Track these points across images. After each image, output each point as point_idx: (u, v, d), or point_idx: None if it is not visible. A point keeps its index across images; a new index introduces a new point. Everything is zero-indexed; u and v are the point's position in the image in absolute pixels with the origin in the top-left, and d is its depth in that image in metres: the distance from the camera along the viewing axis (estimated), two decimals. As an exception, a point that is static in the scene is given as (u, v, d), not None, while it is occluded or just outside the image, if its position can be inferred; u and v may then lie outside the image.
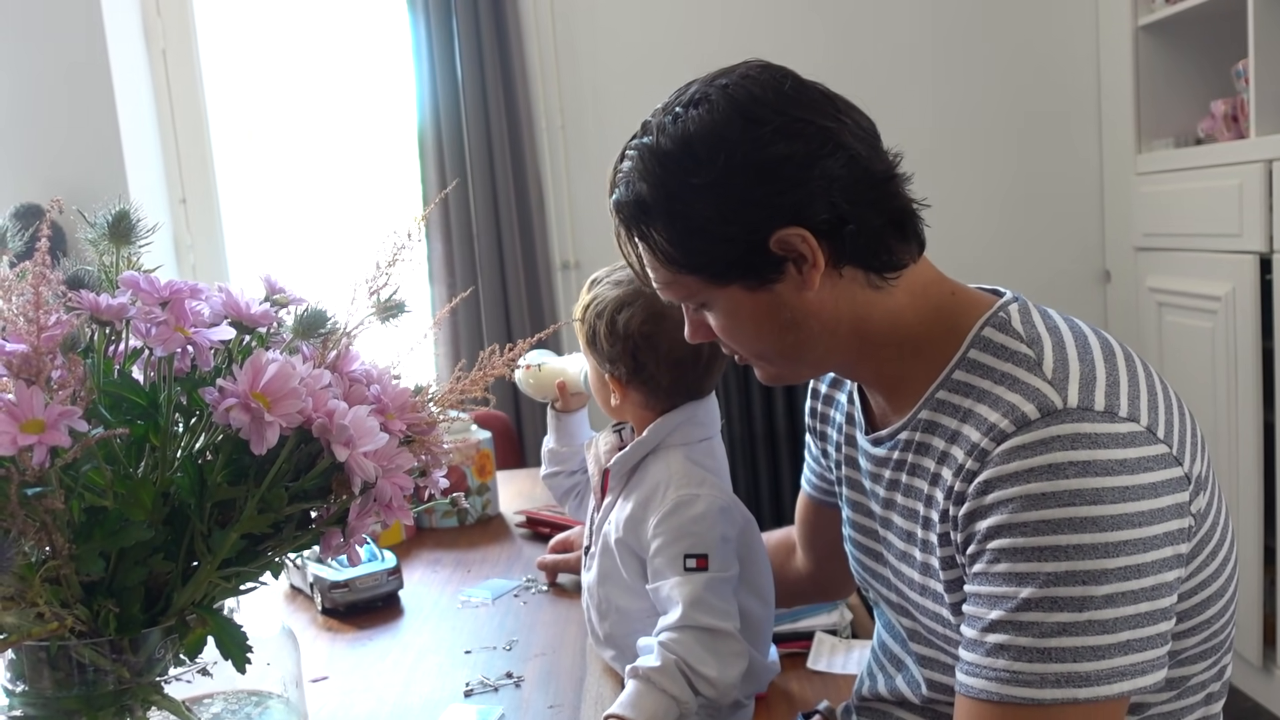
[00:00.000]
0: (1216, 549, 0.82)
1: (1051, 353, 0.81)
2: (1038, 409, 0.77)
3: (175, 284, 0.73)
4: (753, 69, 0.87)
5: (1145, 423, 0.77)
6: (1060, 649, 0.74)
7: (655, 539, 1.05)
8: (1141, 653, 0.74)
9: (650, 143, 0.86)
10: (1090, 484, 0.74)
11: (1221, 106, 2.44)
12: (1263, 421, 2.24)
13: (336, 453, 0.70)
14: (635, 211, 0.86)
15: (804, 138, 0.82)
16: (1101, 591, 0.73)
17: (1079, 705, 0.73)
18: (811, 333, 0.87)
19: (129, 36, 2.88)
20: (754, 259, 0.84)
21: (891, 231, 0.86)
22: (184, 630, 0.74)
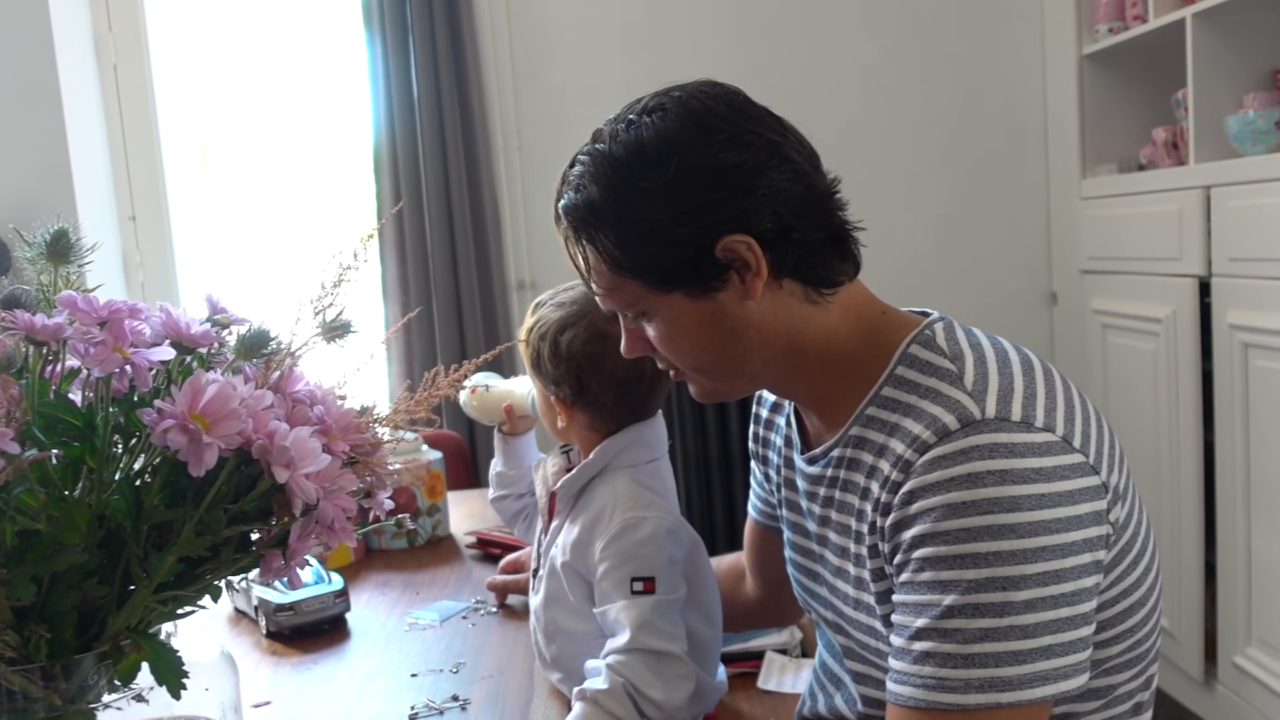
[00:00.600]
0: (1137, 559, 0.84)
1: (972, 367, 0.84)
2: (957, 420, 0.80)
3: (114, 303, 0.72)
4: (704, 84, 0.90)
5: (1061, 432, 0.80)
6: (983, 654, 0.75)
7: (602, 562, 1.05)
8: (1063, 657, 0.76)
9: (603, 148, 0.87)
10: (1008, 492, 0.76)
11: (1162, 134, 2.50)
12: (1202, 441, 2.30)
13: (277, 474, 0.70)
14: (585, 214, 0.88)
15: (753, 148, 0.85)
16: (1021, 597, 0.75)
17: (1002, 709, 0.75)
18: (750, 344, 0.88)
19: (79, 51, 2.84)
20: (699, 265, 0.85)
21: (830, 248, 0.89)
22: (118, 656, 0.72)
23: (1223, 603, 2.25)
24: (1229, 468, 2.18)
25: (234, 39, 3.14)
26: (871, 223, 2.61)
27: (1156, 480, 2.47)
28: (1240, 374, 2.12)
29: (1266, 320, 2.02)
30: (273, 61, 3.11)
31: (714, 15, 2.98)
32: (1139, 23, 2.51)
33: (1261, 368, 2.06)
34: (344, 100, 3.07)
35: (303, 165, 3.17)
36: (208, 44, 3.14)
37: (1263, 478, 2.08)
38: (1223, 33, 2.24)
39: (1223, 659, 2.26)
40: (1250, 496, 2.13)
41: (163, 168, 2.98)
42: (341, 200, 3.21)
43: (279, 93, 3.12)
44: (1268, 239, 2.01)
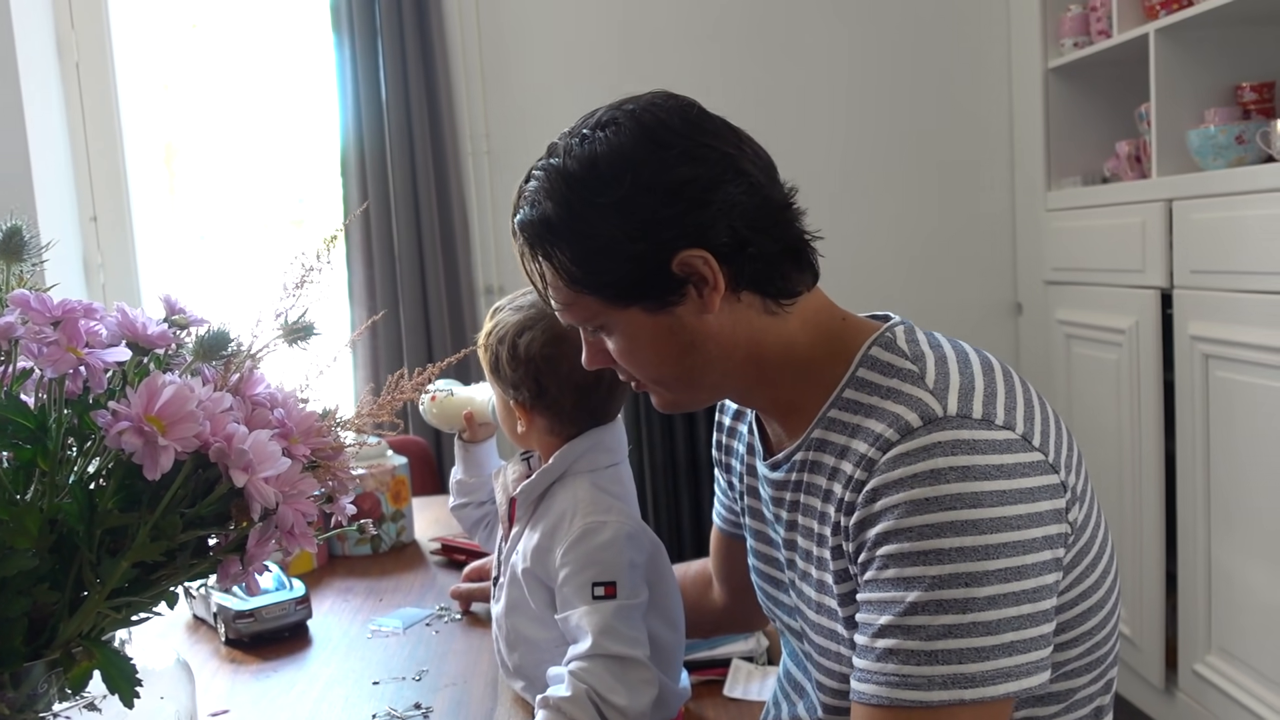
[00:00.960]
0: (1095, 561, 0.84)
1: (934, 367, 0.85)
2: (920, 417, 0.80)
3: (68, 303, 0.70)
4: (659, 96, 0.89)
5: (1021, 431, 0.81)
6: (946, 651, 0.75)
7: (563, 568, 1.04)
8: (1025, 654, 0.76)
9: (557, 163, 0.87)
10: (970, 488, 0.76)
11: (1126, 147, 2.54)
12: (1164, 450, 2.32)
13: (235, 478, 0.68)
14: (540, 230, 0.87)
15: (708, 162, 0.85)
16: (984, 593, 0.75)
17: (966, 706, 0.75)
18: (709, 356, 0.88)
19: (40, 48, 2.79)
20: (656, 280, 0.85)
21: (788, 259, 0.88)
22: (69, 663, 0.71)
23: (1183, 611, 2.27)
24: (1190, 477, 2.21)
25: (200, 39, 3.11)
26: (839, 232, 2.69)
27: (1119, 489, 2.50)
28: (1201, 384, 2.14)
29: (1227, 332, 2.05)
30: (239, 62, 3.08)
31: (683, 23, 2.98)
32: (1104, 38, 2.54)
33: (1221, 378, 2.09)
34: (311, 102, 3.05)
35: (269, 168, 3.14)
36: (173, 43, 3.10)
37: (1223, 487, 2.11)
38: (1185, 49, 2.27)
39: (1183, 666, 2.29)
40: (1210, 506, 2.15)
41: (125, 168, 2.94)
42: (308, 203, 3.18)
43: (245, 94, 3.09)
44: (1228, 252, 2.04)
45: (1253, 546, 2.03)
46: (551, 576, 1.06)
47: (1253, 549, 2.03)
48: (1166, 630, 2.37)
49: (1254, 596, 2.03)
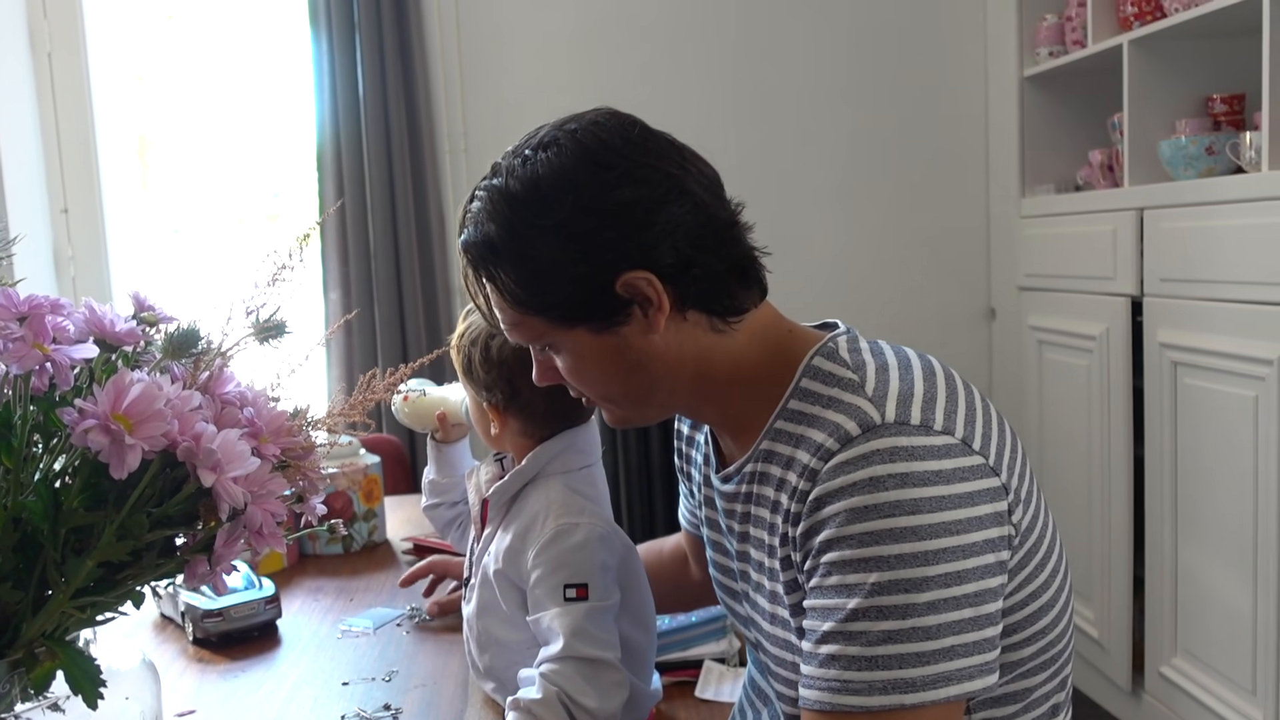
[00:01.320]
0: (1044, 562, 0.85)
1: (874, 375, 0.85)
2: (859, 425, 0.81)
3: (35, 298, 0.69)
4: (602, 115, 0.89)
5: (960, 435, 0.81)
6: (886, 656, 0.76)
7: (535, 569, 1.04)
8: (967, 658, 0.77)
9: (499, 184, 0.87)
10: (908, 495, 0.77)
11: (1099, 156, 2.56)
12: (1133, 455, 2.35)
13: (203, 477, 0.68)
14: (483, 252, 0.88)
15: (650, 183, 0.85)
16: (924, 598, 0.76)
17: (906, 711, 0.76)
18: (656, 375, 0.89)
19: (12, 38, 2.76)
20: (600, 301, 0.85)
21: (734, 277, 0.89)
22: (32, 663, 0.70)
23: (1150, 614, 2.30)
24: (1158, 482, 2.24)
25: (175, 31, 3.08)
26: (813, 237, 2.71)
27: (1088, 493, 2.52)
28: (1170, 391, 2.17)
29: (1195, 339, 2.08)
30: (215, 55, 3.06)
31: (660, 25, 2.98)
32: (1078, 47, 2.57)
33: (1190, 385, 2.11)
34: (287, 97, 3.03)
35: (244, 162, 3.12)
36: (148, 35, 3.07)
37: (1190, 492, 2.14)
38: (1158, 60, 2.30)
39: (1150, 669, 2.32)
40: (1178, 510, 2.18)
41: (98, 160, 2.91)
42: (283, 199, 3.16)
43: (221, 87, 3.07)
44: (1197, 261, 2.06)
45: (1219, 551, 2.06)
46: (523, 578, 1.06)
47: (1219, 553, 2.06)
48: (1134, 633, 2.40)
49: (1220, 600, 2.06)
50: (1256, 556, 1.94)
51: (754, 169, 2.99)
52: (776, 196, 3.00)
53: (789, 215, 3.01)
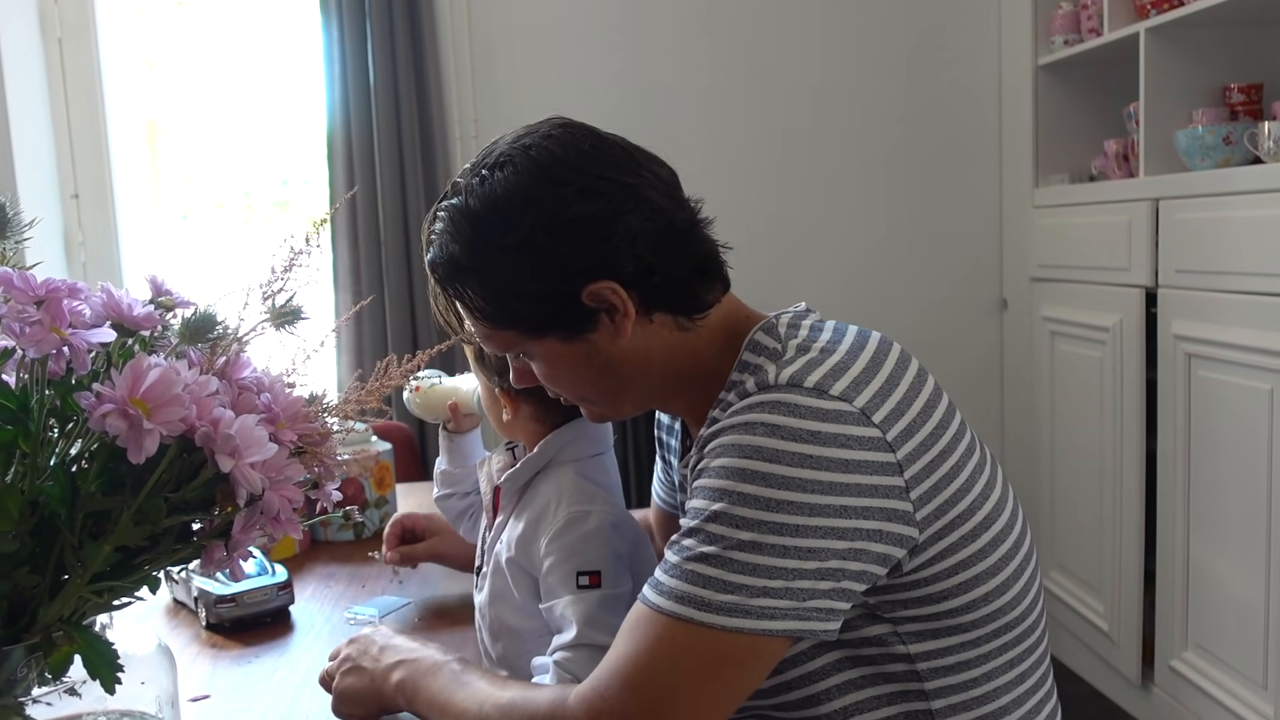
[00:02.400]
0: (975, 534, 0.87)
1: (795, 346, 0.89)
2: (757, 384, 0.86)
3: (52, 282, 0.69)
4: (555, 129, 0.92)
5: (860, 405, 0.84)
6: (694, 572, 0.81)
7: (547, 557, 1.04)
8: (768, 600, 0.80)
9: (459, 204, 0.91)
10: (771, 444, 0.81)
11: (1114, 146, 2.54)
12: (1145, 448, 2.34)
13: (221, 463, 0.67)
14: (449, 271, 0.92)
15: (605, 196, 0.88)
16: (743, 536, 0.81)
17: (689, 626, 0.80)
18: (626, 376, 0.94)
19: (22, 24, 2.76)
20: (567, 312, 0.90)
21: (695, 277, 0.93)
22: (49, 648, 0.70)
23: (1161, 607, 2.29)
24: (1170, 475, 2.22)
25: (186, 17, 3.07)
26: (825, 226, 2.69)
27: (1100, 485, 2.51)
28: (1183, 384, 2.16)
29: (1210, 332, 2.06)
30: (226, 41, 3.05)
31: (674, 15, 2.97)
32: (1094, 36, 2.55)
33: (1204, 378, 2.10)
34: (298, 84, 3.02)
35: (253, 148, 3.11)
36: (158, 20, 3.07)
37: (1203, 486, 2.13)
38: (1175, 49, 2.28)
39: (1160, 662, 2.31)
40: (1190, 504, 2.17)
41: (108, 145, 2.91)
42: (293, 185, 3.15)
43: (231, 74, 3.06)
44: (1213, 252, 2.05)
45: (1231, 545, 2.05)
46: (535, 566, 1.05)
47: (1231, 547, 2.05)
48: (1144, 626, 2.39)
49: (1231, 594, 2.05)
50: (1269, 550, 1.93)
51: (766, 158, 2.98)
52: (788, 186, 2.98)
53: (801, 204, 3.00)
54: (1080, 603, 2.66)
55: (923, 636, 0.88)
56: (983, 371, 3.12)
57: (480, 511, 1.26)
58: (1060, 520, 2.75)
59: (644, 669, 0.81)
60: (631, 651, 0.82)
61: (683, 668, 0.81)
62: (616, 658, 0.84)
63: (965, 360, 3.08)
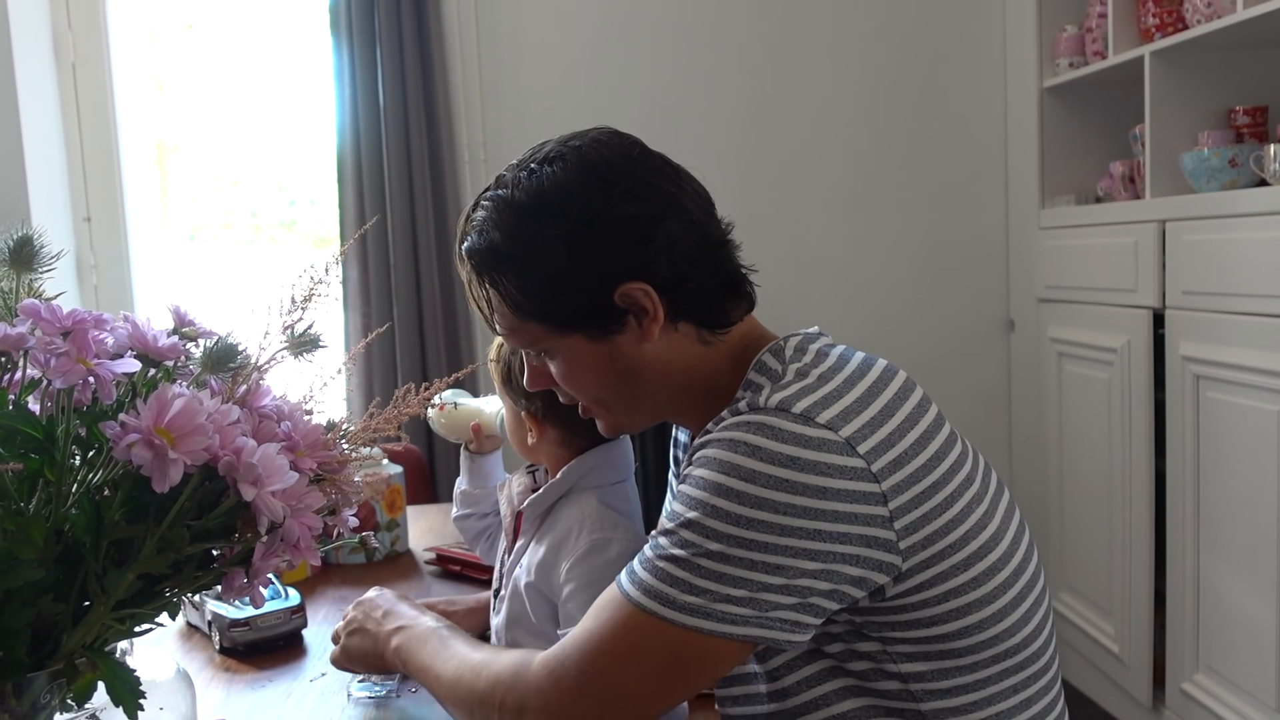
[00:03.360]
0: (969, 563, 0.87)
1: (794, 371, 0.90)
2: (748, 404, 0.88)
3: (78, 313, 0.70)
4: (604, 134, 0.95)
5: (845, 435, 0.85)
6: (663, 571, 0.84)
7: (567, 583, 1.04)
8: (737, 607, 0.82)
9: (505, 195, 0.93)
10: (748, 464, 0.83)
11: (1120, 167, 2.55)
12: (1154, 469, 2.34)
13: (243, 491, 0.68)
14: (488, 258, 0.93)
15: (650, 200, 0.91)
16: (711, 546, 0.83)
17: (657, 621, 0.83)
18: (646, 382, 0.95)
19: (37, 49, 2.79)
20: (598, 310, 0.91)
21: (724, 291, 0.95)
22: (72, 674, 0.70)
23: (1171, 630, 2.29)
24: (1179, 496, 2.22)
25: (197, 40, 3.10)
26: (833, 247, 2.69)
27: (1109, 506, 2.51)
28: (1191, 405, 2.16)
29: (1218, 353, 2.07)
30: (236, 64, 3.08)
31: (680, 38, 2.99)
32: (1099, 59, 2.56)
33: (1212, 399, 2.10)
34: (308, 106, 3.05)
35: (263, 170, 3.14)
36: (169, 44, 3.10)
37: (1212, 507, 2.13)
38: (1180, 72, 2.29)
39: (1171, 685, 2.30)
40: (1200, 525, 2.17)
41: (120, 169, 2.93)
42: (301, 207, 3.18)
43: (241, 96, 3.09)
44: (1220, 273, 2.05)
45: (1241, 566, 2.04)
46: (555, 591, 1.06)
47: (1241, 569, 2.04)
48: (1155, 648, 2.39)
49: (1242, 616, 2.05)
50: (1279, 571, 1.93)
51: (774, 179, 2.99)
52: (796, 206, 3.00)
53: (809, 225, 3.01)
54: (1090, 624, 2.65)
55: (914, 658, 0.88)
56: (990, 392, 3.12)
57: (499, 532, 1.27)
58: (1069, 542, 2.75)
59: (604, 648, 0.86)
60: (596, 630, 0.87)
61: (639, 654, 0.85)
62: (583, 631, 0.88)
63: (973, 381, 3.09)
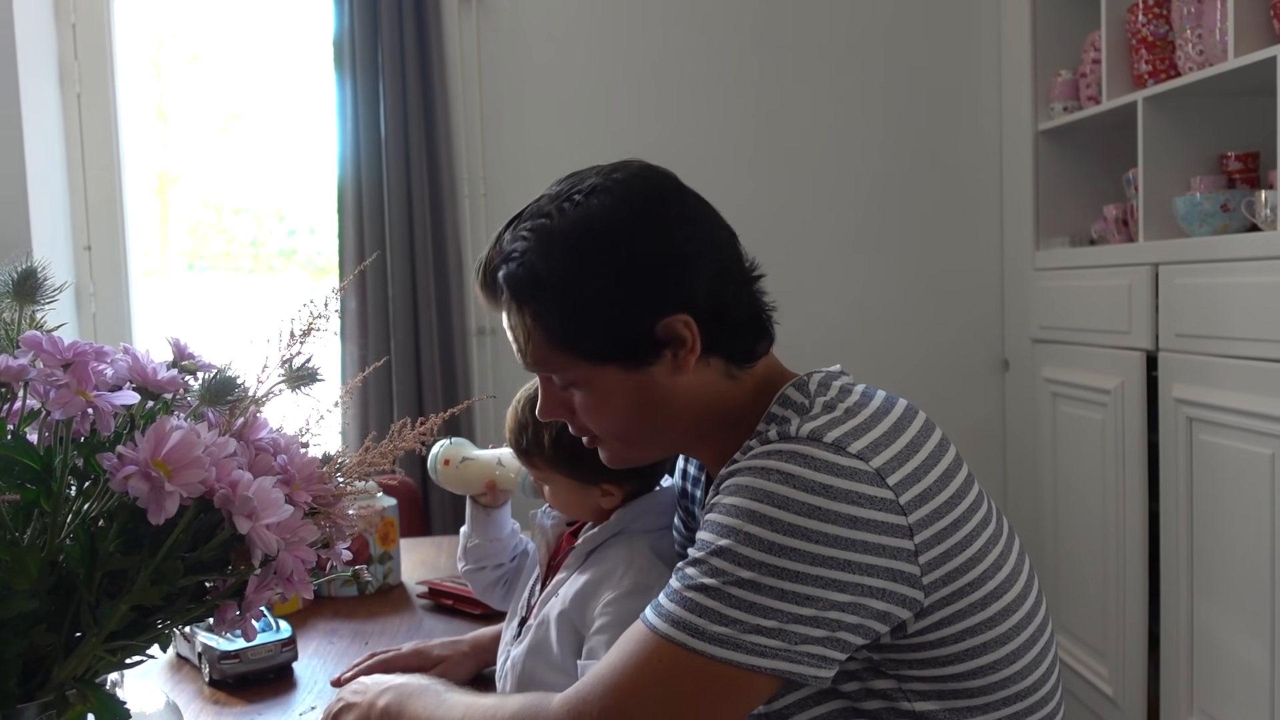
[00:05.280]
0: (985, 603, 0.88)
1: (822, 404, 0.91)
2: (779, 434, 0.89)
3: (79, 345, 0.71)
4: (643, 167, 0.96)
5: (876, 466, 0.85)
6: (691, 600, 0.83)
7: (601, 616, 1.05)
8: (767, 638, 0.82)
9: (550, 225, 0.91)
10: (782, 491, 0.83)
11: (1113, 210, 2.58)
12: (1148, 511, 2.34)
13: (238, 524, 0.69)
14: (530, 288, 0.92)
15: (693, 234, 0.92)
16: (743, 574, 0.82)
17: (685, 652, 0.82)
18: (673, 414, 0.95)
19: (44, 79, 2.82)
20: (638, 342, 0.91)
21: (753, 327, 0.97)
22: (63, 706, 0.71)
23: (1165, 671, 2.28)
24: (1173, 538, 2.22)
25: (200, 71, 3.14)
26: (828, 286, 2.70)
27: (1103, 548, 2.51)
28: (1185, 447, 2.17)
29: (1210, 396, 2.08)
30: (238, 96, 3.11)
31: (679, 74, 3.03)
32: (1092, 103, 2.60)
33: (1205, 441, 2.11)
34: (310, 137, 3.07)
35: (265, 199, 3.16)
36: (172, 75, 3.13)
37: (1205, 549, 2.13)
38: (1172, 117, 2.32)
39: (1164, 728, 2.29)
40: (1194, 567, 2.17)
41: (123, 198, 2.95)
42: (300, 237, 3.19)
43: (244, 126, 3.12)
44: (1212, 317, 2.07)
45: (1235, 608, 2.04)
46: (587, 623, 1.07)
47: (1235, 611, 2.04)
48: (1149, 690, 2.37)
49: (1236, 658, 2.04)
50: (1273, 614, 1.93)
51: (770, 217, 3.02)
52: (792, 245, 3.02)
53: (804, 264, 3.03)
54: (1085, 666, 2.64)
55: (927, 697, 0.88)
56: (985, 432, 3.13)
57: (515, 577, 1.29)
58: (1064, 583, 2.74)
59: (630, 683, 0.84)
60: (621, 665, 0.85)
61: (667, 688, 0.83)
62: (606, 668, 0.86)
63: (968, 420, 3.09)
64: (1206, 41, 2.14)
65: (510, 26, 2.98)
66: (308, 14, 3.03)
